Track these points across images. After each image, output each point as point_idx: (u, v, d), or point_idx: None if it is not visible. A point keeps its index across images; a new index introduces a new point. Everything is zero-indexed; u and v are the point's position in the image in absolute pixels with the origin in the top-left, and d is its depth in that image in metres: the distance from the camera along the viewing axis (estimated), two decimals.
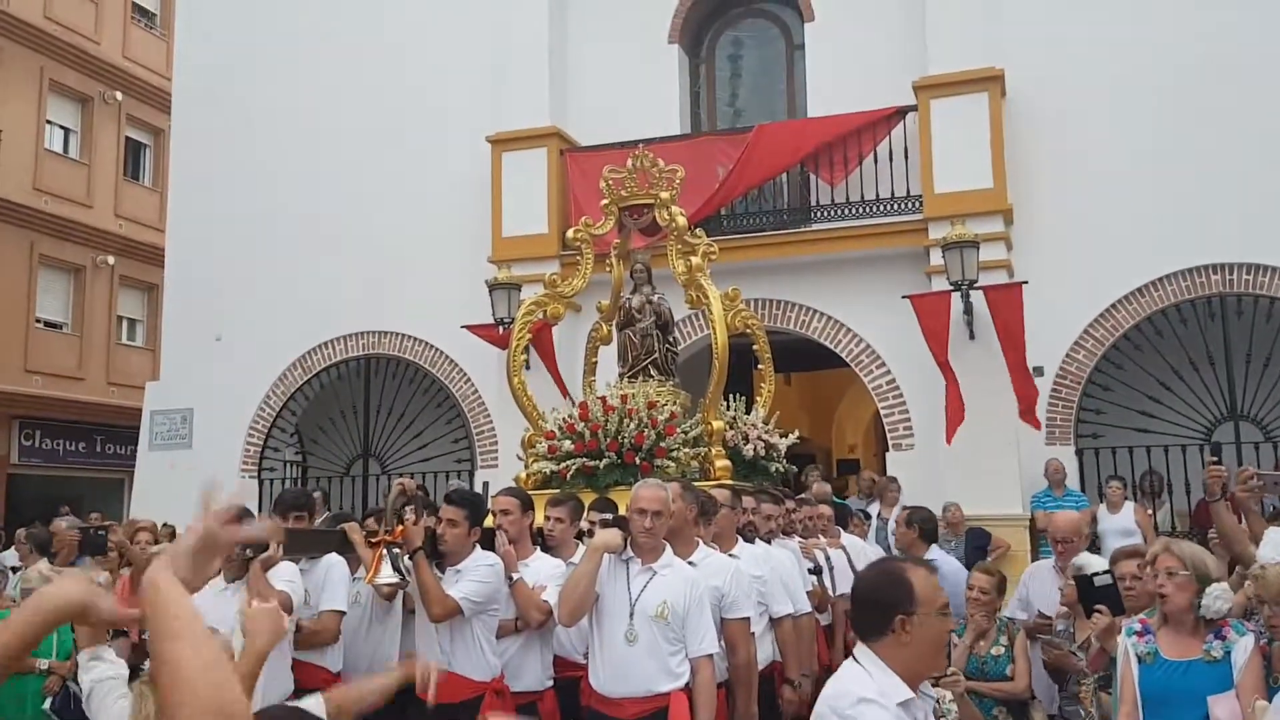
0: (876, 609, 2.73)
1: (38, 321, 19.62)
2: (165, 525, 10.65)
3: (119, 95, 21.19)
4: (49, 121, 20.08)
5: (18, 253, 19.00)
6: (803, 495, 8.34)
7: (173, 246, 14.98)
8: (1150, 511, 10.86)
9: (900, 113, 11.67)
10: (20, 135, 19.15)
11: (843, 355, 12.01)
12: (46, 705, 6.68)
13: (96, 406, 19.99)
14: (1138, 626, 4.04)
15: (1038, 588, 6.06)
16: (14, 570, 8.69)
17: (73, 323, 20.44)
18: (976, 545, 10.02)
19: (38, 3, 19.58)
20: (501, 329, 11.65)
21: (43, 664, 6.71)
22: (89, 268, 20.47)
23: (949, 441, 10.60)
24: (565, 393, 9.62)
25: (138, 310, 21.89)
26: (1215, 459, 5.39)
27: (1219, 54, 11.15)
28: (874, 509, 10.93)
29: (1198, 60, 11.20)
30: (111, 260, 20.75)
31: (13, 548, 9.88)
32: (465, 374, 13.24)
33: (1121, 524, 10.07)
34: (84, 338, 20.39)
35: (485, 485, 12.27)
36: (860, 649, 2.75)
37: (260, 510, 12.46)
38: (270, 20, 14.61)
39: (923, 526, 7.14)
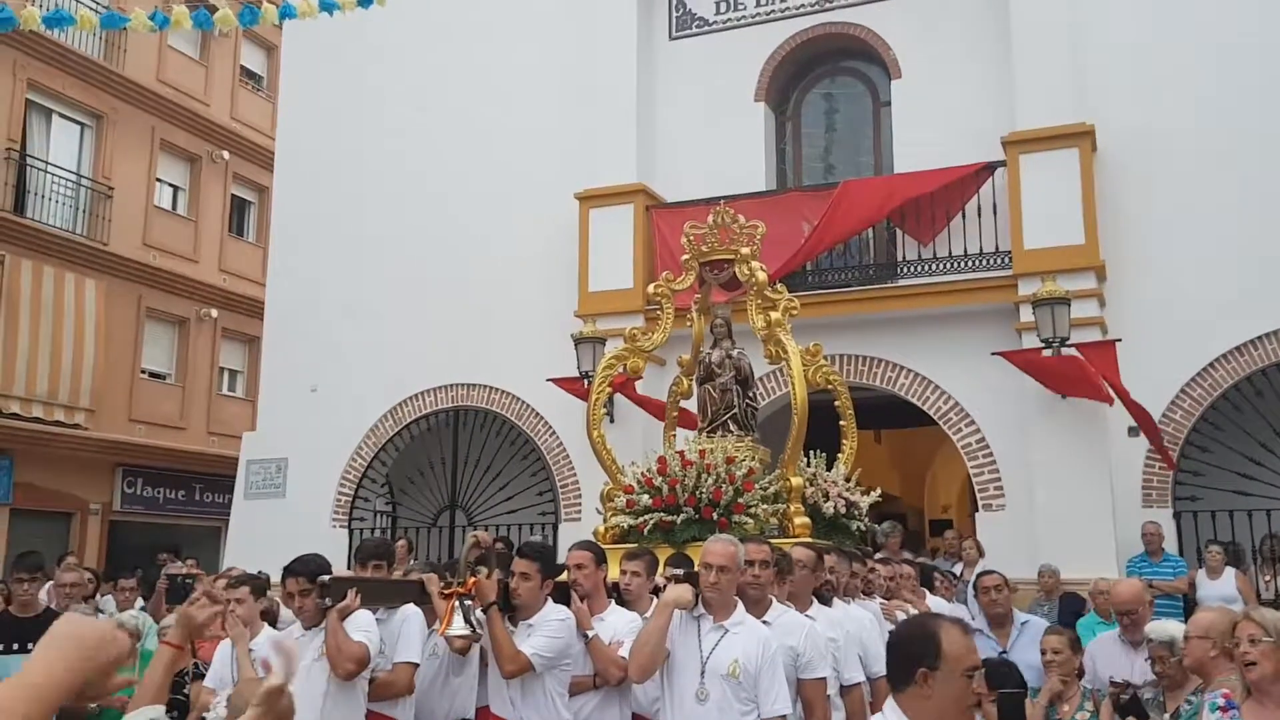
0: (903, 660, 2.77)
1: (143, 372, 20.31)
2: (260, 573, 10.86)
3: (226, 154, 22.02)
4: (159, 179, 20.91)
5: (127, 306, 19.73)
6: (884, 555, 8.21)
7: (272, 300, 15.42)
8: (1269, 577, 10.47)
9: (989, 168, 11.56)
10: (132, 192, 19.97)
11: (930, 413, 11.84)
12: None
13: (196, 455, 20.56)
14: (1221, 701, 3.89)
15: (1105, 659, 5.89)
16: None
17: (176, 373, 21.11)
18: (1071, 610, 9.72)
19: (151, 66, 20.48)
20: (586, 382, 11.73)
21: (94, 706, 6.80)
22: (193, 320, 21.16)
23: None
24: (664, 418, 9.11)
25: (239, 362, 22.53)
26: None
27: None
28: (959, 569, 10.69)
29: None
30: (214, 313, 21.44)
31: (110, 595, 10.15)
32: (550, 427, 13.34)
33: (1222, 591, 9.69)
34: (186, 388, 21.04)
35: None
36: (889, 700, 2.78)
37: (348, 560, 12.65)
38: (368, 83, 15.07)
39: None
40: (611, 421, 11.64)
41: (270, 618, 6.93)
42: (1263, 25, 11.26)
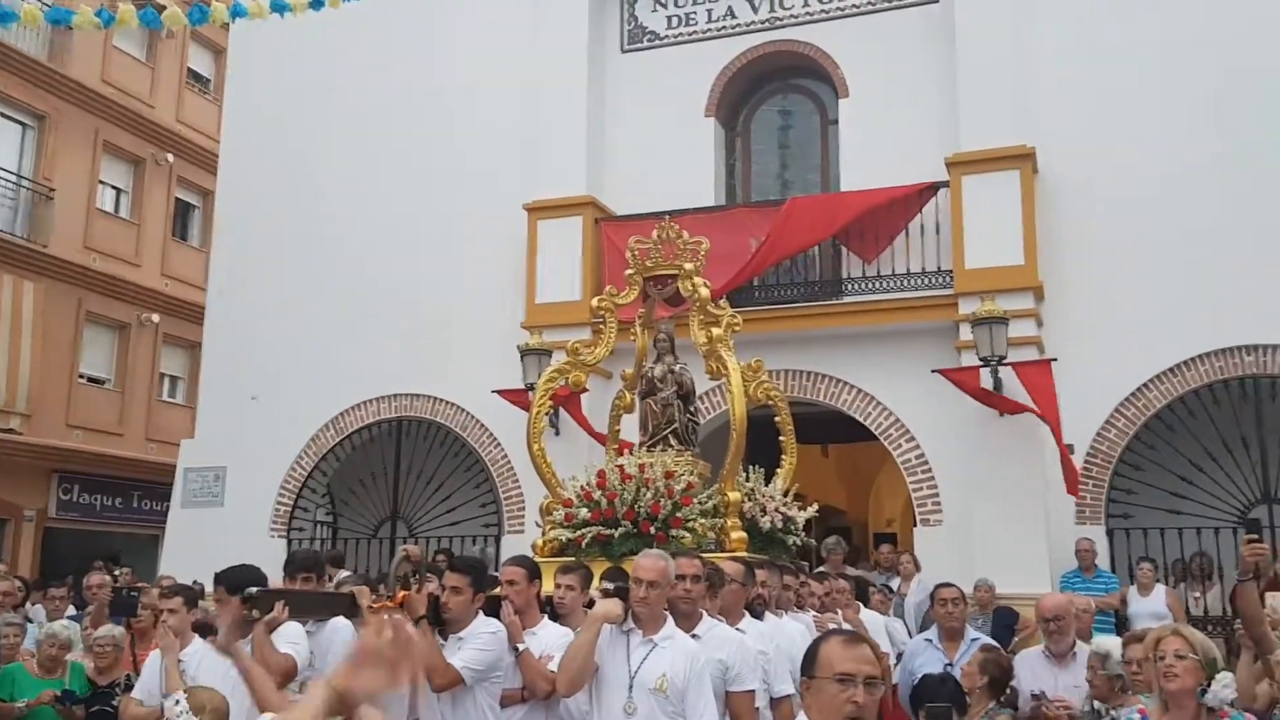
0: (801, 673, 2.97)
1: (81, 377, 19.97)
2: (195, 583, 10.70)
3: (170, 157, 21.74)
4: (101, 181, 20.60)
5: (66, 309, 19.39)
6: (821, 569, 8.27)
7: (213, 306, 15.25)
8: (1199, 594, 10.67)
9: (933, 188, 11.72)
10: (73, 194, 19.66)
11: (872, 428, 11.95)
12: None
13: (134, 462, 20.22)
14: (1136, 716, 3.97)
15: (1027, 675, 5.94)
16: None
17: (115, 378, 20.78)
18: (1004, 624, 9.85)
19: (95, 66, 20.19)
20: (531, 395, 11.71)
21: (20, 705, 6.73)
22: (134, 325, 20.85)
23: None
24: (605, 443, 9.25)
25: (180, 368, 22.20)
26: (1254, 535, 5.17)
27: (1253, 136, 11.15)
28: (896, 583, 10.80)
29: (1232, 142, 11.20)
30: (156, 318, 21.13)
31: (40, 604, 9.96)
32: (495, 439, 13.28)
33: (1152, 607, 9.87)
34: (125, 394, 20.71)
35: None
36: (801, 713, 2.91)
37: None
38: (316, 88, 14.94)
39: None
40: (556, 434, 11.65)
41: (206, 629, 6.82)
42: (1202, 53, 11.49)
